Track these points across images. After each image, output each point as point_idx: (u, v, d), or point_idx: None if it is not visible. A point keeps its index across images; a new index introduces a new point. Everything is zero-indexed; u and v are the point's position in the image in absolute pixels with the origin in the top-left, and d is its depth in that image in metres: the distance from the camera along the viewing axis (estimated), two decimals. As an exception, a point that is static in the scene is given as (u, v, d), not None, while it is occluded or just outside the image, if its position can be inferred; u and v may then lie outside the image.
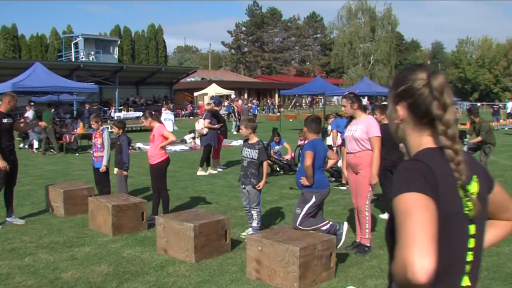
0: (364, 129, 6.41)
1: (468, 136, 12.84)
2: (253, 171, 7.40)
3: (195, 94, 51.27)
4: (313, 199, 6.01)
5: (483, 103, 77.71)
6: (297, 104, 65.83)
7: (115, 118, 27.45)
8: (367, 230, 6.54)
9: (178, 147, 19.72)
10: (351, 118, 6.75)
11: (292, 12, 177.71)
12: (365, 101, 34.09)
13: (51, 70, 24.71)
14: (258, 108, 47.92)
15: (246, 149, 7.53)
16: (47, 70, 23.64)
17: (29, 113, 20.78)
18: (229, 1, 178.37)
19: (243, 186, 7.53)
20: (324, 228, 5.97)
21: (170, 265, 6.25)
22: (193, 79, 62.87)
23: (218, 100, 15.33)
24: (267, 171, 7.76)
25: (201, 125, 14.07)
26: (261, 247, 5.58)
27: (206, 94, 45.76)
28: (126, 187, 9.37)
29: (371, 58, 71.57)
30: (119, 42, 57.16)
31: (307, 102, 68.46)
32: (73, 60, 46.74)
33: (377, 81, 56.29)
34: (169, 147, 8.78)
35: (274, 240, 5.55)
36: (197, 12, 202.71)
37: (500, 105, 39.66)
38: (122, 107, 38.91)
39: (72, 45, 48.90)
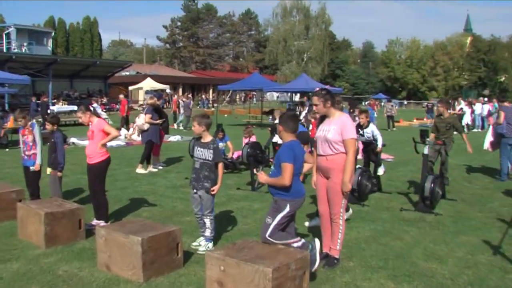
0: (338, 130, 5.68)
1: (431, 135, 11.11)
2: (206, 173, 6.57)
3: (130, 88, 50.24)
4: (287, 209, 5.24)
5: (411, 101, 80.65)
6: (231, 99, 65.51)
7: (48, 112, 25.92)
8: (339, 241, 5.86)
9: (114, 142, 18.62)
10: (322, 117, 6.04)
11: (228, 9, 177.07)
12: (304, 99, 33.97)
13: (-19, 61, 23.22)
14: (193, 103, 47.26)
15: (199, 148, 6.66)
16: (-24, 60, 22.19)
17: None
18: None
19: (195, 190, 6.67)
20: (295, 245, 5.22)
21: (114, 286, 5.35)
22: (128, 73, 62.06)
23: (159, 94, 14.50)
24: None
25: (142, 120, 13.19)
26: (224, 267, 4.79)
27: (141, 88, 44.90)
28: (60, 189, 8.34)
29: (305, 55, 72.73)
30: (53, 34, 55.16)
31: (241, 97, 68.53)
32: (4, 51, 44.26)
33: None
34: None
35: (240, 258, 4.75)
36: (132, 7, 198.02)
37: (434, 103, 40.72)
38: (55, 100, 37.39)
39: (4, 35, 46.34)
